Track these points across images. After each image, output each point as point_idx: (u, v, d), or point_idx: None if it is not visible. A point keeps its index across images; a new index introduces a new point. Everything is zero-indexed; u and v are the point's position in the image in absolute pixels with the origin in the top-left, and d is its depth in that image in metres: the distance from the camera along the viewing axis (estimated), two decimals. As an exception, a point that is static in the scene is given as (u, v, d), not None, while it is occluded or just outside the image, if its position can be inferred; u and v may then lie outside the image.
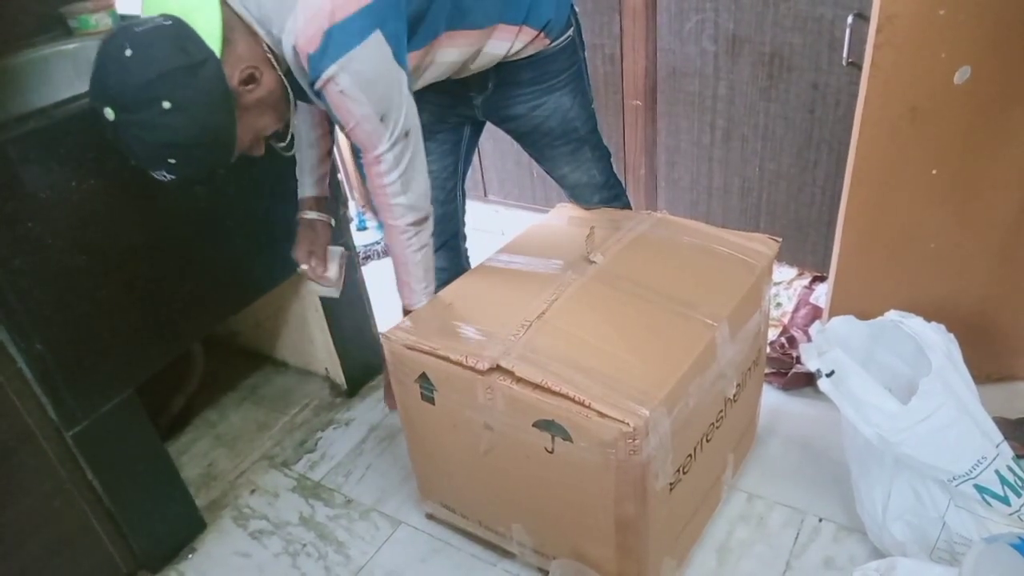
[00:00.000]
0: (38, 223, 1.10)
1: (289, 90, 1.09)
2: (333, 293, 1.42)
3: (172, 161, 1.01)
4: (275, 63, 1.05)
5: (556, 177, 1.50)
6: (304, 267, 1.37)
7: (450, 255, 1.60)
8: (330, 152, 1.38)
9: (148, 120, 0.96)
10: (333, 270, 1.39)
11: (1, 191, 1.06)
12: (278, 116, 1.11)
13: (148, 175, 1.02)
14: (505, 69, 1.32)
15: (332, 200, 1.44)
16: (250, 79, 1.03)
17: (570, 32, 1.34)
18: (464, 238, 1.65)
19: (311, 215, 1.38)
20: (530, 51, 1.30)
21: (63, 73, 1.51)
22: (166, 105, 0.96)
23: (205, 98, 0.99)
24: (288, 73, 1.07)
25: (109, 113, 0.96)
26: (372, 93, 1.05)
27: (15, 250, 1.09)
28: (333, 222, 1.42)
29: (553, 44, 1.31)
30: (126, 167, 1.20)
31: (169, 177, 1.02)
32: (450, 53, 1.21)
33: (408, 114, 1.11)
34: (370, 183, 1.17)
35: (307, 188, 1.38)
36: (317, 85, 1.04)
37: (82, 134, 1.15)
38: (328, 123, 1.32)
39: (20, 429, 1.16)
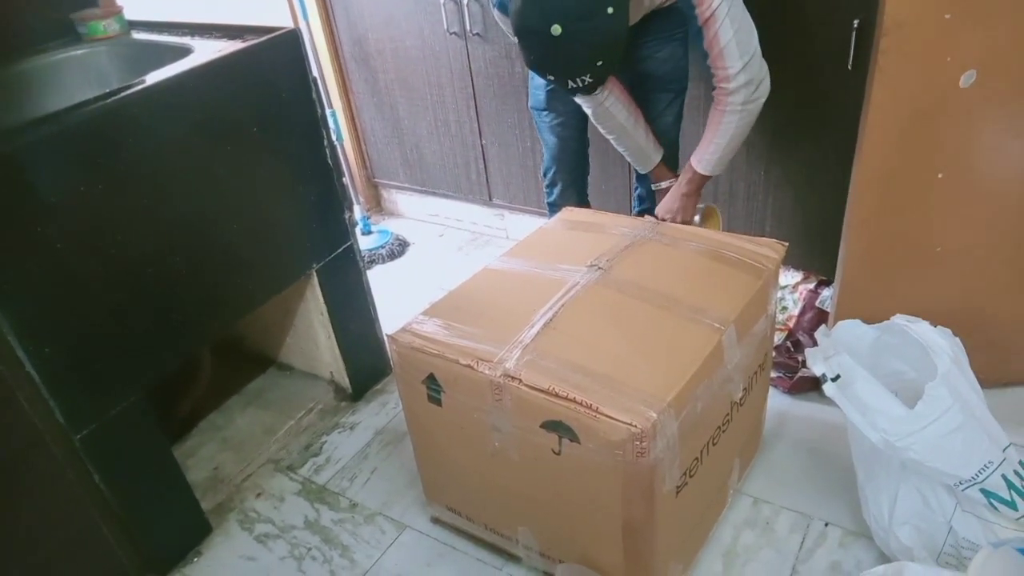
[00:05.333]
0: (48, 227, 1.11)
1: None
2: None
3: (600, 63, 1.24)
4: None
5: (653, 117, 1.67)
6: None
7: (579, 188, 1.86)
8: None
9: (595, 26, 1.18)
10: (697, 220, 1.65)
11: (12, 195, 1.07)
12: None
13: (150, 180, 1.03)
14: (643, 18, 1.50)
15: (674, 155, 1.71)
16: None
17: None
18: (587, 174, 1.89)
19: (664, 184, 1.66)
20: (666, 2, 1.49)
21: (73, 78, 1.52)
22: (610, 10, 1.19)
23: (627, 1, 1.22)
24: None
25: (556, 29, 1.16)
26: None
27: (25, 254, 1.09)
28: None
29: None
30: (136, 171, 1.22)
31: (587, 82, 1.26)
32: None
33: None
34: (708, 47, 1.35)
35: (652, 155, 1.64)
36: None
37: (92, 139, 1.16)
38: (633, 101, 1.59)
39: (29, 432, 1.16)
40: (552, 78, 1.31)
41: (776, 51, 1.54)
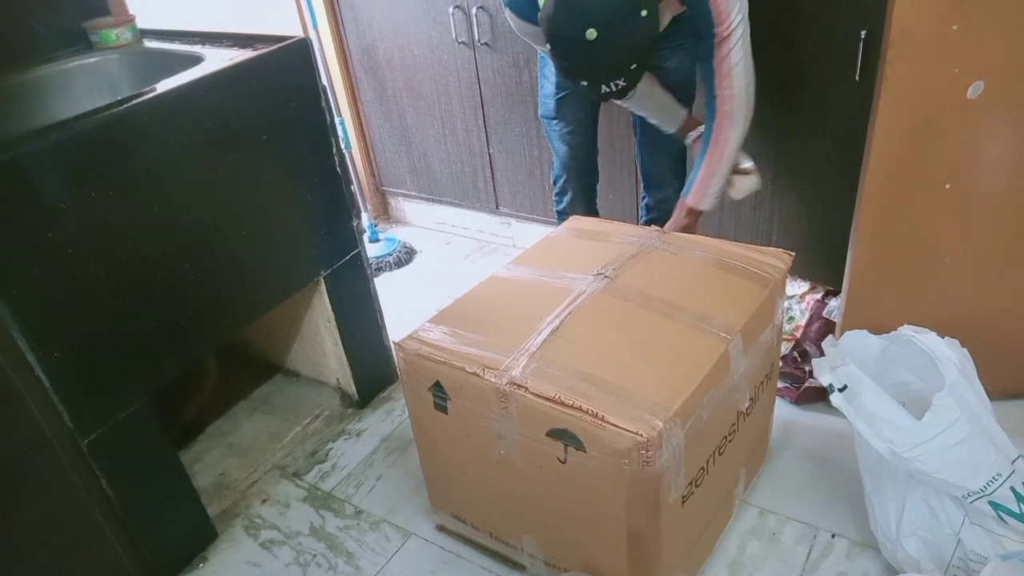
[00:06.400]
0: (57, 233, 1.12)
1: None
2: (754, 185, 1.63)
3: (634, 67, 1.23)
4: None
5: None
6: None
7: (588, 197, 1.86)
8: None
9: (629, 29, 1.18)
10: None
11: (22, 201, 1.08)
12: None
13: (160, 187, 1.04)
14: None
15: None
16: None
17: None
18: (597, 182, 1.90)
19: (694, 133, 1.64)
20: (676, 12, 1.48)
21: (84, 86, 1.54)
22: (643, 12, 1.18)
23: (657, 3, 1.22)
24: None
25: (591, 33, 1.15)
26: None
27: (35, 259, 1.10)
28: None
29: (684, 10, 1.46)
30: (145, 178, 1.23)
31: (620, 86, 1.25)
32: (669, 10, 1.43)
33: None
34: (718, 65, 1.36)
35: (678, 110, 1.62)
36: None
37: (103, 146, 1.17)
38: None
39: (36, 436, 1.17)
40: (585, 83, 1.30)
41: (783, 60, 1.55)
